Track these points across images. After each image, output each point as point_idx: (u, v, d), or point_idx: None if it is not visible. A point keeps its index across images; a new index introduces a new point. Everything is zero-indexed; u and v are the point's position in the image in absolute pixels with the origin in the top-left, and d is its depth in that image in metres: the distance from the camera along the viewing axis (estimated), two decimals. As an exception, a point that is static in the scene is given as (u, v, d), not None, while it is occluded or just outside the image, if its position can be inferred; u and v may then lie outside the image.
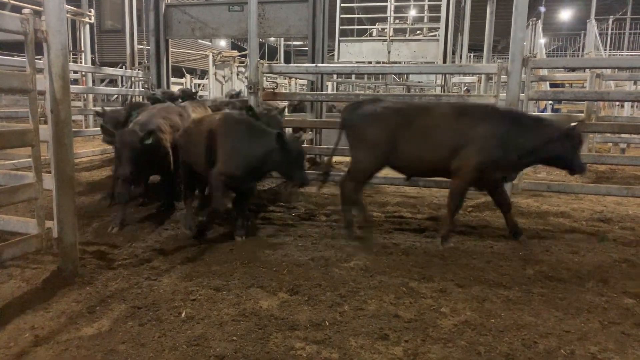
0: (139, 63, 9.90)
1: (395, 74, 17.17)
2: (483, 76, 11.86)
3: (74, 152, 3.74)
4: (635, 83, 11.29)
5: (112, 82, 14.57)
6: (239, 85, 14.41)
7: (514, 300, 3.38)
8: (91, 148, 9.10)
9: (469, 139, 4.36)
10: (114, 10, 16.94)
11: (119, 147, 4.59)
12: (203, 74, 17.73)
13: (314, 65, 7.08)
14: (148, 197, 5.84)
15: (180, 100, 6.99)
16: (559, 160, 4.47)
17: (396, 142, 4.55)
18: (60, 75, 3.43)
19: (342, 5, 13.47)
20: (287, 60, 27.43)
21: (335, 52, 13.08)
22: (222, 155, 4.48)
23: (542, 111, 11.37)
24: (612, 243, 4.70)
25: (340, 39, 13.12)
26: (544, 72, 10.36)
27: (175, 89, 9.32)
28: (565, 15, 27.01)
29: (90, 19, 12.29)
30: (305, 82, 12.23)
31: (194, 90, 9.47)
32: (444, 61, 11.53)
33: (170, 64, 8.70)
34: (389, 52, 12.53)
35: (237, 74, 14.69)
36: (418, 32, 14.18)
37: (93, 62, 13.61)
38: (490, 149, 4.32)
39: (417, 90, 16.21)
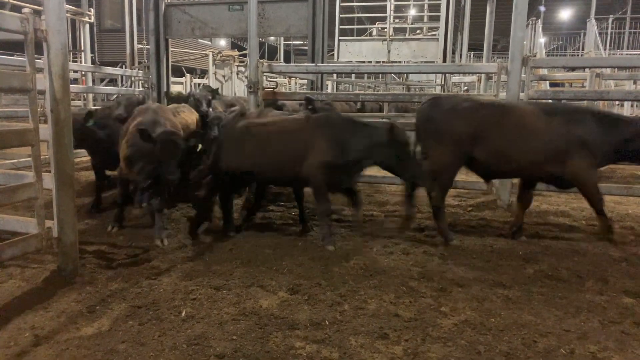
0: (139, 62, 9.89)
1: (395, 73, 17.13)
2: (483, 75, 11.85)
3: (74, 152, 3.74)
4: (634, 82, 11.30)
5: (112, 81, 14.56)
6: (240, 85, 14.40)
7: (514, 299, 3.39)
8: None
9: (571, 142, 4.30)
10: (114, 9, 16.92)
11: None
12: (203, 73, 17.71)
13: (313, 64, 7.08)
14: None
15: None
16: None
17: (481, 141, 4.38)
18: (60, 74, 3.43)
19: (342, 4, 13.43)
20: (287, 59, 27.39)
21: (335, 52, 13.05)
22: (321, 148, 4.34)
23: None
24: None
25: (340, 38, 13.09)
26: (543, 72, 10.37)
27: (176, 88, 9.31)
28: (565, 14, 27.00)
29: (90, 19, 12.27)
30: (305, 81, 12.22)
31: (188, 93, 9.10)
32: (444, 60, 11.51)
33: (170, 63, 8.69)
34: (388, 51, 12.51)
35: (237, 74, 14.68)
36: (418, 31, 14.16)
37: (93, 62, 13.60)
38: (597, 151, 4.30)
39: (417, 89, 16.21)
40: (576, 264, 4.06)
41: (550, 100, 6.27)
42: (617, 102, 12.31)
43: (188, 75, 15.80)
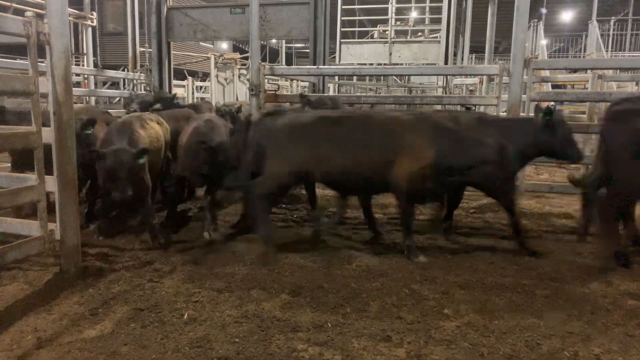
0: (141, 66, 9.91)
1: (396, 75, 17.16)
2: (485, 77, 11.85)
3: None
4: (637, 84, 11.25)
5: (114, 84, 14.60)
6: (241, 88, 14.40)
7: (517, 301, 3.37)
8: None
9: None
10: (116, 13, 16.96)
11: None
12: (205, 76, 17.74)
13: (315, 67, 7.11)
14: None
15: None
16: None
17: None
18: (62, 77, 3.45)
19: (344, 7, 13.49)
20: (289, 62, 27.44)
21: (337, 54, 13.08)
22: None
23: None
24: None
25: (342, 40, 13.13)
26: (545, 73, 10.34)
27: (179, 91, 9.26)
28: (567, 16, 26.97)
29: (92, 22, 12.30)
30: (306, 84, 12.24)
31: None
32: (446, 62, 11.52)
33: (172, 66, 8.72)
34: (390, 53, 12.53)
35: (239, 76, 14.69)
36: (419, 33, 14.18)
37: (95, 65, 13.61)
38: None
39: (419, 91, 16.22)
40: (579, 266, 4.05)
41: (552, 102, 6.25)
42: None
43: (190, 78, 15.82)
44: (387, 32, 13.06)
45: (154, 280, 3.66)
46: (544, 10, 20.76)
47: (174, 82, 9.99)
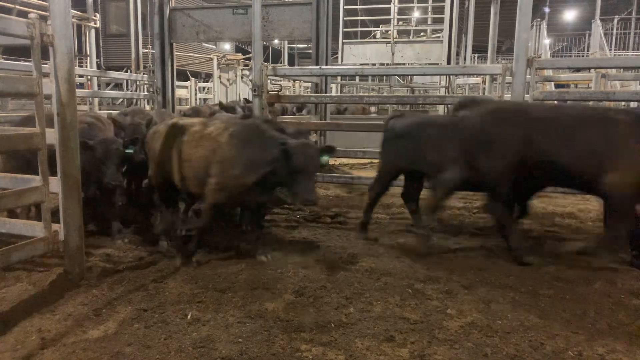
0: (144, 67, 9.96)
1: (399, 75, 17.17)
2: (487, 77, 11.83)
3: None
4: (640, 83, 11.22)
5: (118, 85, 14.66)
6: (244, 89, 14.43)
7: (521, 301, 3.36)
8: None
9: None
10: (119, 14, 17.01)
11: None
12: (208, 77, 17.78)
13: (318, 67, 7.11)
14: None
15: None
16: None
17: None
18: (66, 79, 3.46)
19: (346, 7, 13.52)
20: (291, 63, 27.49)
21: (339, 55, 13.10)
22: None
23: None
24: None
25: (344, 41, 13.15)
26: (548, 73, 10.32)
27: (181, 92, 9.30)
28: (570, 15, 26.89)
29: (95, 24, 12.37)
30: (309, 84, 12.26)
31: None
32: (448, 62, 11.52)
33: (174, 67, 8.73)
34: (392, 53, 12.55)
35: (242, 77, 14.73)
36: (422, 33, 14.19)
37: (98, 66, 13.66)
38: None
39: (421, 91, 16.21)
40: (583, 266, 4.03)
41: (556, 102, 6.25)
42: (623, 103, 12.21)
43: (193, 79, 15.86)
44: (389, 32, 13.07)
45: (158, 281, 3.67)
46: (546, 10, 20.72)
47: (177, 83, 10.01)
